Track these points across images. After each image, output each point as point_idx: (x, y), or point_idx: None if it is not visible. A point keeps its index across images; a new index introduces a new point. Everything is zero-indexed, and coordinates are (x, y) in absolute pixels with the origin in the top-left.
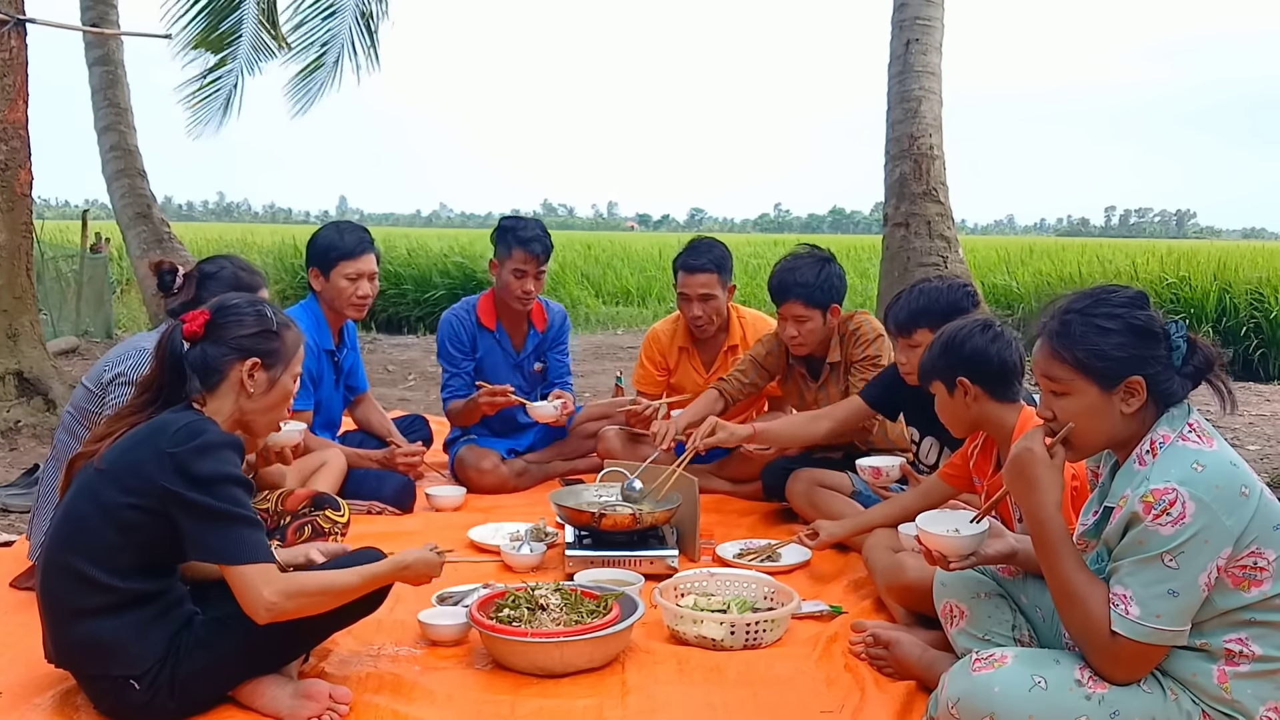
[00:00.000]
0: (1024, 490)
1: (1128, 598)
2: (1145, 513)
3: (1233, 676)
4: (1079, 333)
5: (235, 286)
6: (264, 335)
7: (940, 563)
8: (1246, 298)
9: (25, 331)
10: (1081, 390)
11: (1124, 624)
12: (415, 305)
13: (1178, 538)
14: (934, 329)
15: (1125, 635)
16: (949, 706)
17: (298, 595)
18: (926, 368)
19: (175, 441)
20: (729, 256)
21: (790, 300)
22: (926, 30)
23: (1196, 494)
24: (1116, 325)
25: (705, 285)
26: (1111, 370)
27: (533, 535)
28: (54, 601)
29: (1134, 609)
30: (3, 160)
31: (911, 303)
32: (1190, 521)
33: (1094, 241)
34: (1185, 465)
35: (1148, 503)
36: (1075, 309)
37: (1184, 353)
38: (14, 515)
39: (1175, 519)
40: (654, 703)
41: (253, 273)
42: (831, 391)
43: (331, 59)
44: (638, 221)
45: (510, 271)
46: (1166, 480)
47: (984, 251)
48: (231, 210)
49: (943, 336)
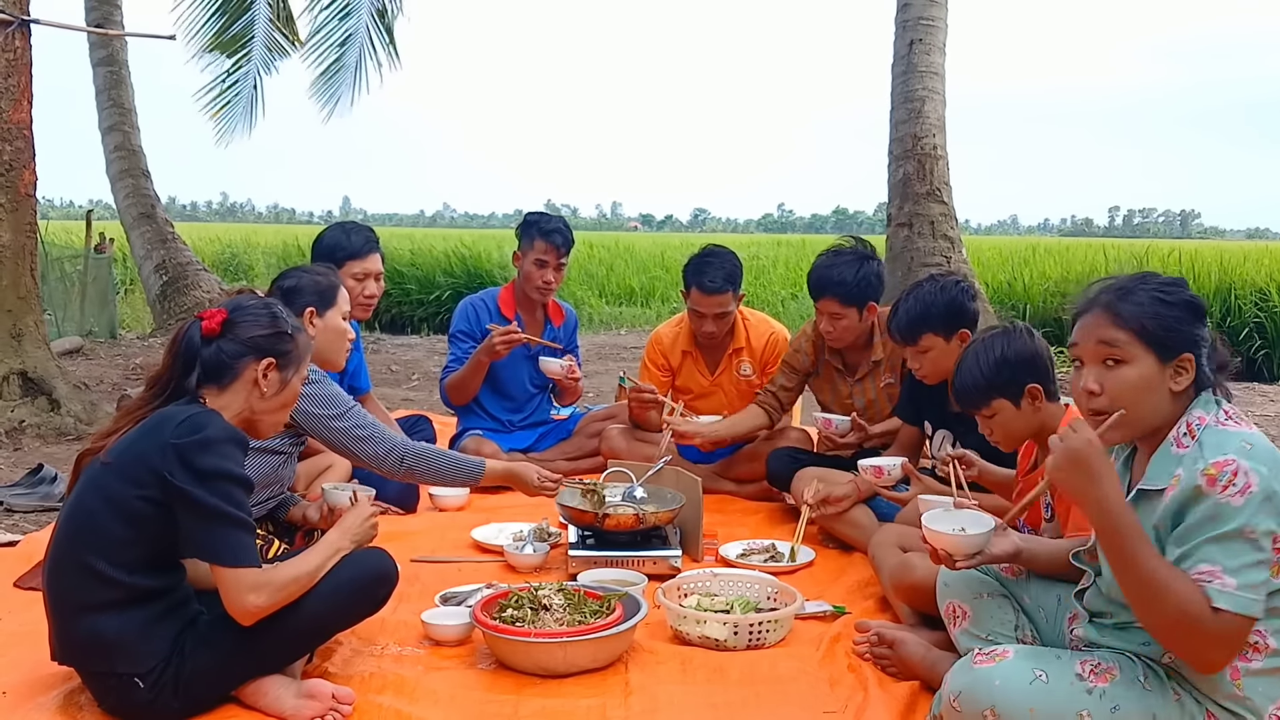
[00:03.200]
0: (1086, 484)
1: (1218, 573)
2: (1209, 485)
3: (1245, 673)
4: (1145, 299)
5: (318, 291)
6: (279, 336)
7: (946, 561)
8: (1251, 298)
9: (29, 331)
10: (1140, 359)
11: (1226, 598)
12: (419, 305)
13: (1250, 507)
14: (939, 332)
15: (1229, 610)
16: (950, 699)
17: (280, 591)
18: (982, 387)
19: (179, 433)
20: (740, 268)
21: (826, 298)
22: (930, 30)
23: (1256, 466)
24: (1176, 299)
25: (720, 305)
26: (1172, 341)
27: (536, 535)
28: (61, 597)
29: (1229, 580)
30: (7, 160)
31: (910, 311)
32: (1257, 491)
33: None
34: (1236, 442)
35: (1210, 475)
36: (1132, 284)
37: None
38: (18, 515)
39: (1242, 489)
40: (657, 703)
41: (328, 274)
42: (868, 387)
43: (352, 59)
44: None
45: (532, 262)
46: (1224, 453)
47: (987, 252)
48: (235, 210)
49: (992, 354)
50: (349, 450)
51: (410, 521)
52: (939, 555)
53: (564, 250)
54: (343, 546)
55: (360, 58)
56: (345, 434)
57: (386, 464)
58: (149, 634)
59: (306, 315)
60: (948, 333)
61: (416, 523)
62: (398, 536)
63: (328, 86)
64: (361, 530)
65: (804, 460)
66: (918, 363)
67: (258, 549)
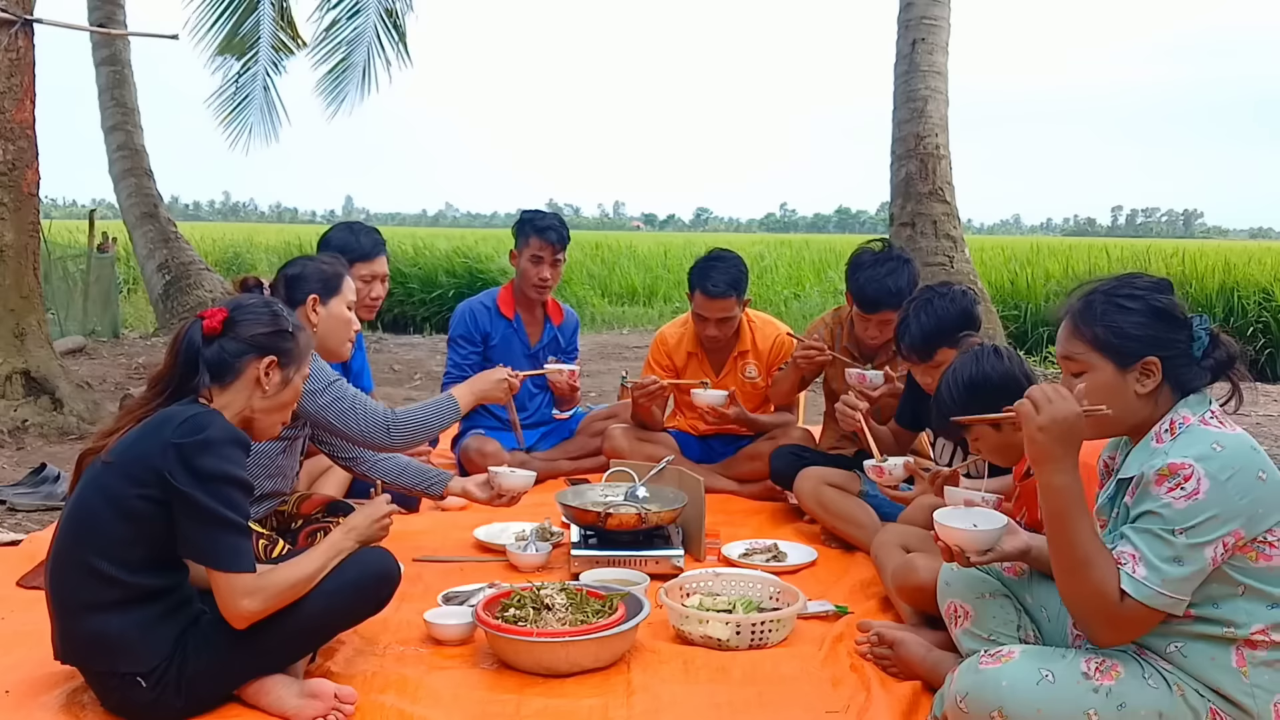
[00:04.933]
0: (1063, 451)
1: (1136, 557)
2: (1158, 484)
3: (1251, 662)
4: (1100, 310)
5: (323, 278)
6: (280, 334)
7: (959, 557)
8: (1255, 297)
9: (32, 331)
10: (1098, 367)
11: (1131, 584)
12: (421, 305)
13: (1191, 514)
14: (953, 345)
15: (1132, 595)
16: (957, 700)
17: (275, 596)
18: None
19: (181, 433)
20: (745, 274)
21: (886, 309)
22: (933, 30)
23: (1212, 471)
24: (1137, 305)
25: (723, 310)
26: (1128, 348)
27: (538, 535)
28: (63, 596)
29: (1140, 569)
30: (10, 160)
31: (926, 327)
32: (1203, 499)
33: (1100, 241)
34: (1205, 444)
35: (1162, 474)
36: (1099, 289)
37: (1205, 344)
38: (21, 514)
39: (1189, 494)
40: (659, 702)
41: (333, 262)
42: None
43: (360, 57)
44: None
45: (527, 259)
46: (1185, 456)
47: (990, 251)
48: (238, 210)
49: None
50: (338, 427)
51: (413, 521)
52: (951, 551)
53: (558, 246)
54: (346, 547)
55: (369, 56)
56: (331, 409)
57: (375, 436)
58: (151, 633)
59: (310, 303)
60: (959, 343)
61: (419, 522)
62: (400, 536)
63: (335, 85)
64: (370, 530)
65: (807, 459)
66: (929, 377)
67: (258, 551)
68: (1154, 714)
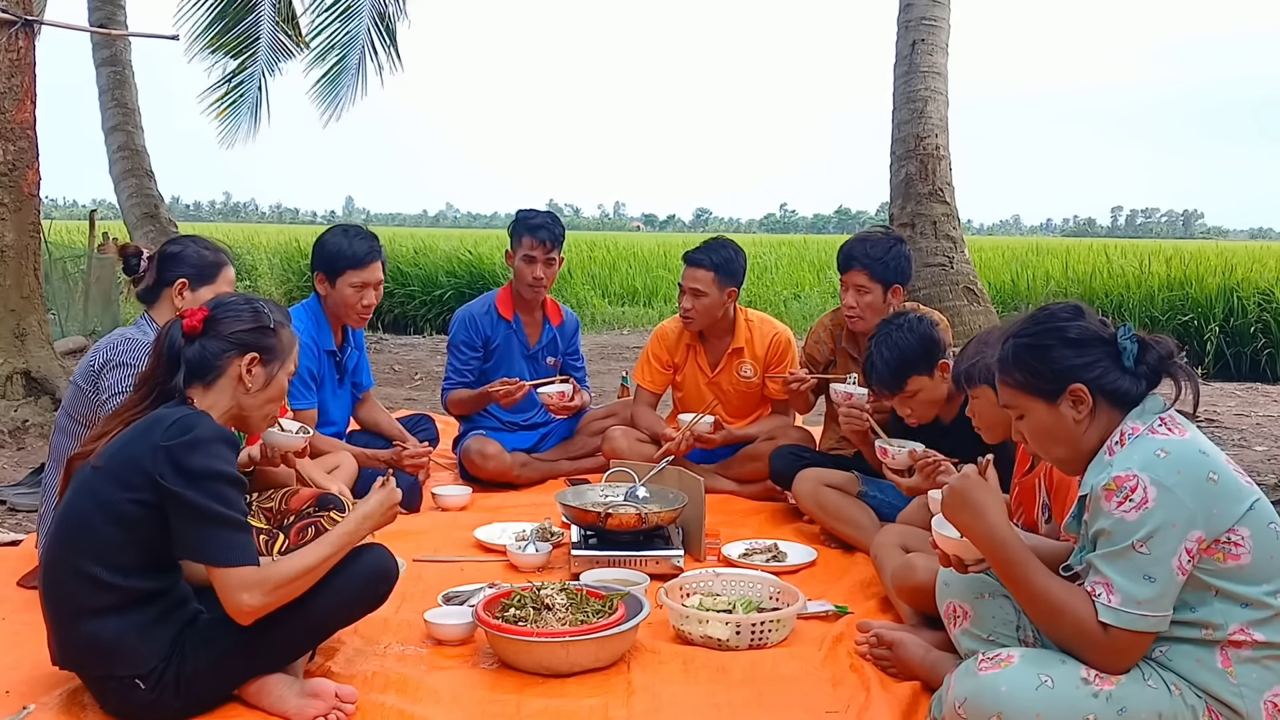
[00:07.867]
0: (970, 518)
1: (1109, 585)
2: (1107, 499)
3: (1236, 660)
4: (1015, 357)
5: (198, 265)
6: (261, 331)
7: (956, 565)
8: (1255, 298)
9: (33, 331)
10: (1030, 408)
11: (1110, 613)
12: (422, 305)
13: (1144, 524)
14: (922, 372)
15: (1114, 625)
16: (955, 706)
17: (279, 588)
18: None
19: (169, 435)
20: (737, 261)
21: (854, 269)
22: (933, 31)
23: (1158, 478)
24: (1048, 339)
25: (698, 280)
26: (1049, 383)
27: (538, 535)
28: (57, 602)
29: (1114, 597)
30: (10, 160)
31: (889, 360)
32: (1153, 507)
33: (1100, 242)
34: (1149, 452)
35: (1109, 489)
36: (1013, 334)
37: (1134, 353)
38: (21, 514)
39: (1138, 504)
40: (659, 702)
41: (216, 250)
42: None
43: (353, 61)
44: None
45: (521, 258)
46: (1128, 467)
47: (990, 252)
48: (238, 210)
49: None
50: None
51: (413, 521)
52: (949, 559)
53: (551, 245)
54: (362, 531)
55: (361, 60)
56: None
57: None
58: (148, 635)
59: (178, 286)
60: (929, 368)
61: (419, 522)
62: (401, 536)
63: (329, 89)
64: (386, 516)
65: (807, 459)
66: (907, 408)
67: (260, 546)
68: (1154, 715)
